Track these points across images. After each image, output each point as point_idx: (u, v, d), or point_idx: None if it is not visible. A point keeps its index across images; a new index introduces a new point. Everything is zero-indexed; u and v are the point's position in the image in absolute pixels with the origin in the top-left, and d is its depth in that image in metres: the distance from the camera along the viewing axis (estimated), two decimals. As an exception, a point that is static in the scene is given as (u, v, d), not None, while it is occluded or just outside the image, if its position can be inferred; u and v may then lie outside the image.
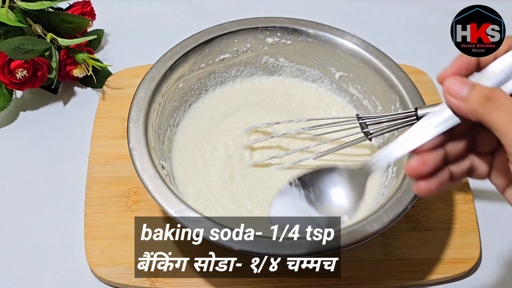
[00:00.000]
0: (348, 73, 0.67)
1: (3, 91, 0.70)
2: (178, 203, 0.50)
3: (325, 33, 0.66)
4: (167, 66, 0.61)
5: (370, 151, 0.65)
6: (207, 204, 0.59)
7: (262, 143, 0.64)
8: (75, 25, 0.73)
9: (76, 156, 0.68)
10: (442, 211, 0.63)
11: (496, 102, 0.36)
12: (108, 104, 0.72)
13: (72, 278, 0.58)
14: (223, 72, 0.69)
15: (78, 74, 0.73)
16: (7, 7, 0.69)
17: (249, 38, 0.67)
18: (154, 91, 0.59)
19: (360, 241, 0.49)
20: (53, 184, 0.65)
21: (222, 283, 0.57)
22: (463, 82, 0.38)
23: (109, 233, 0.60)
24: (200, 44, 0.64)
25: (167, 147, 0.62)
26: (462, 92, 0.37)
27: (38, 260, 0.59)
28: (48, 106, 0.73)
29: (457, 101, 0.38)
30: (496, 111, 0.36)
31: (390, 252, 0.60)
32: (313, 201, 0.44)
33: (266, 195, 0.60)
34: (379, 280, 0.58)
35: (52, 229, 0.62)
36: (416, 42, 0.84)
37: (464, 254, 0.60)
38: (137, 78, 0.61)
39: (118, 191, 0.63)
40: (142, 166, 0.53)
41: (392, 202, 0.51)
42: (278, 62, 0.70)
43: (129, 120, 0.57)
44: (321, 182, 0.45)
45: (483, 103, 0.36)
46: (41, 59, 0.69)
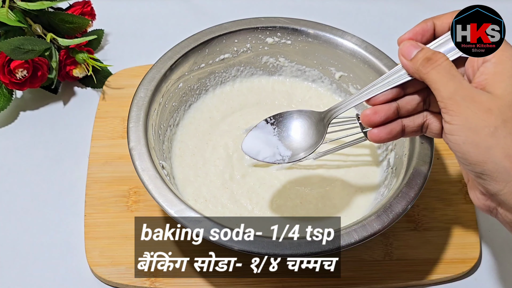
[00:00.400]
0: (348, 73, 0.67)
1: (3, 91, 0.70)
2: (178, 203, 0.50)
3: (325, 33, 0.66)
4: (167, 66, 0.61)
5: (370, 151, 0.65)
6: (207, 204, 0.59)
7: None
8: (75, 25, 0.73)
9: (76, 156, 0.68)
10: (442, 211, 0.63)
11: (434, 63, 0.42)
12: (108, 104, 0.72)
13: (72, 278, 0.58)
14: (223, 72, 0.69)
15: (78, 74, 0.73)
16: (7, 7, 0.69)
17: (249, 38, 0.67)
18: (154, 91, 0.59)
19: (360, 241, 0.49)
20: (53, 184, 0.65)
21: (222, 283, 0.57)
22: (414, 46, 0.44)
23: (109, 233, 0.60)
24: (200, 44, 0.64)
25: (167, 147, 0.62)
26: (411, 53, 0.44)
27: (38, 260, 0.59)
28: (48, 106, 0.73)
29: (406, 61, 0.44)
30: (432, 71, 0.42)
31: (390, 252, 0.60)
32: (283, 137, 0.53)
33: (266, 195, 0.60)
34: (379, 280, 0.58)
35: (52, 229, 0.62)
36: (416, 42, 0.84)
37: (464, 254, 0.60)
38: (137, 78, 0.61)
39: (118, 191, 0.63)
40: (142, 166, 0.53)
41: (392, 202, 0.51)
42: (278, 62, 0.70)
43: (129, 120, 0.57)
44: (292, 122, 0.53)
45: (423, 64, 0.43)
46: (41, 59, 0.69)
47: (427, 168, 0.54)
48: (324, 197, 0.60)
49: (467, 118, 0.40)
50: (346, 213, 0.58)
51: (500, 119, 0.39)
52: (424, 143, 0.55)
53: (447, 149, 0.67)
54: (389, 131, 0.47)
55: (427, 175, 0.53)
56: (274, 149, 0.53)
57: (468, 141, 0.40)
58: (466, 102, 0.40)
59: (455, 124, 0.41)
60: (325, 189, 0.61)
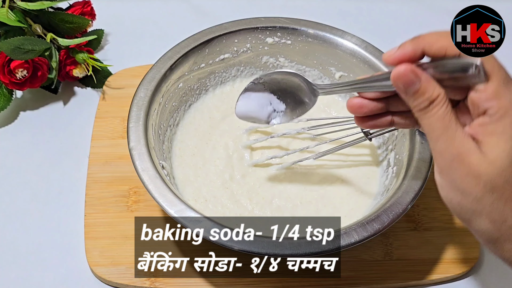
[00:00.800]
0: (348, 73, 0.67)
1: (3, 91, 0.70)
2: (178, 203, 0.50)
3: (325, 33, 0.66)
4: (167, 66, 0.61)
5: (370, 151, 0.65)
6: (207, 204, 0.59)
7: (262, 143, 0.64)
8: (75, 25, 0.73)
9: (76, 156, 0.68)
10: (442, 211, 0.63)
11: (429, 112, 0.40)
12: (108, 104, 0.72)
13: (72, 278, 0.58)
14: (223, 72, 0.69)
15: (78, 74, 0.73)
16: (7, 7, 0.69)
17: (249, 38, 0.67)
18: (154, 91, 0.59)
19: (360, 241, 0.49)
20: (53, 184, 0.65)
21: (222, 283, 0.57)
22: (414, 75, 0.40)
23: (109, 233, 0.60)
24: (200, 44, 0.64)
25: (167, 147, 0.62)
26: (409, 85, 0.40)
27: (38, 260, 0.59)
28: (48, 106, 0.73)
29: (401, 90, 0.40)
30: (425, 119, 0.40)
31: (390, 252, 0.60)
32: (274, 91, 0.53)
33: (266, 195, 0.60)
34: (379, 280, 0.58)
35: (52, 229, 0.62)
36: (416, 42, 0.84)
37: (464, 254, 0.60)
38: (137, 78, 0.61)
39: (118, 191, 0.63)
40: (142, 166, 0.53)
41: (392, 202, 0.51)
42: (278, 62, 0.70)
43: (129, 120, 0.57)
44: (282, 78, 0.53)
45: (418, 110, 0.40)
46: (41, 59, 0.69)
47: (427, 168, 0.54)
48: (324, 197, 0.60)
49: (455, 180, 0.39)
50: (346, 213, 0.58)
51: (488, 186, 0.38)
52: (424, 143, 0.55)
53: (447, 149, 0.67)
54: (373, 123, 0.47)
55: (427, 175, 0.53)
56: (268, 107, 0.54)
57: (454, 200, 0.40)
58: (455, 163, 0.39)
59: (444, 179, 0.40)
60: (325, 189, 0.61)
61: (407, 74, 0.39)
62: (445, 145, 0.39)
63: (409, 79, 0.39)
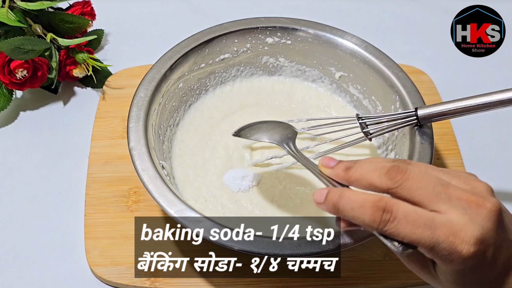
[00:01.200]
0: (348, 73, 0.67)
1: (3, 91, 0.70)
2: (178, 203, 0.50)
3: (325, 33, 0.66)
4: (167, 66, 0.61)
5: (370, 151, 0.65)
6: (207, 204, 0.59)
7: (262, 143, 0.64)
8: (75, 25, 0.73)
9: (76, 156, 0.68)
10: (442, 211, 0.63)
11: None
12: (108, 104, 0.72)
13: (72, 278, 0.58)
14: (223, 72, 0.69)
15: (78, 74, 0.73)
16: (7, 7, 0.69)
17: (249, 38, 0.67)
18: (154, 91, 0.59)
19: (360, 241, 0.49)
20: (53, 184, 0.65)
21: (222, 283, 0.57)
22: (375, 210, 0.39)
23: (109, 233, 0.60)
24: (200, 44, 0.64)
25: (167, 147, 0.62)
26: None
27: (38, 260, 0.59)
28: (48, 106, 0.73)
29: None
30: None
31: (390, 252, 0.59)
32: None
33: (266, 195, 0.60)
34: (379, 280, 0.58)
35: (52, 229, 0.62)
36: (416, 42, 0.84)
37: (464, 254, 0.60)
38: (137, 78, 0.61)
39: (118, 191, 0.63)
40: (142, 166, 0.53)
41: (392, 202, 0.51)
42: (278, 62, 0.70)
43: (129, 120, 0.57)
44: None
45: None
46: (41, 59, 0.69)
47: (427, 168, 0.54)
48: (324, 197, 0.60)
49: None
50: (346, 213, 0.58)
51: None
52: (424, 143, 0.55)
53: (447, 149, 0.67)
54: None
55: (427, 175, 0.53)
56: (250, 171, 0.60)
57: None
58: None
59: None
60: (325, 189, 0.61)
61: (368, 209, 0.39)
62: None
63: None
